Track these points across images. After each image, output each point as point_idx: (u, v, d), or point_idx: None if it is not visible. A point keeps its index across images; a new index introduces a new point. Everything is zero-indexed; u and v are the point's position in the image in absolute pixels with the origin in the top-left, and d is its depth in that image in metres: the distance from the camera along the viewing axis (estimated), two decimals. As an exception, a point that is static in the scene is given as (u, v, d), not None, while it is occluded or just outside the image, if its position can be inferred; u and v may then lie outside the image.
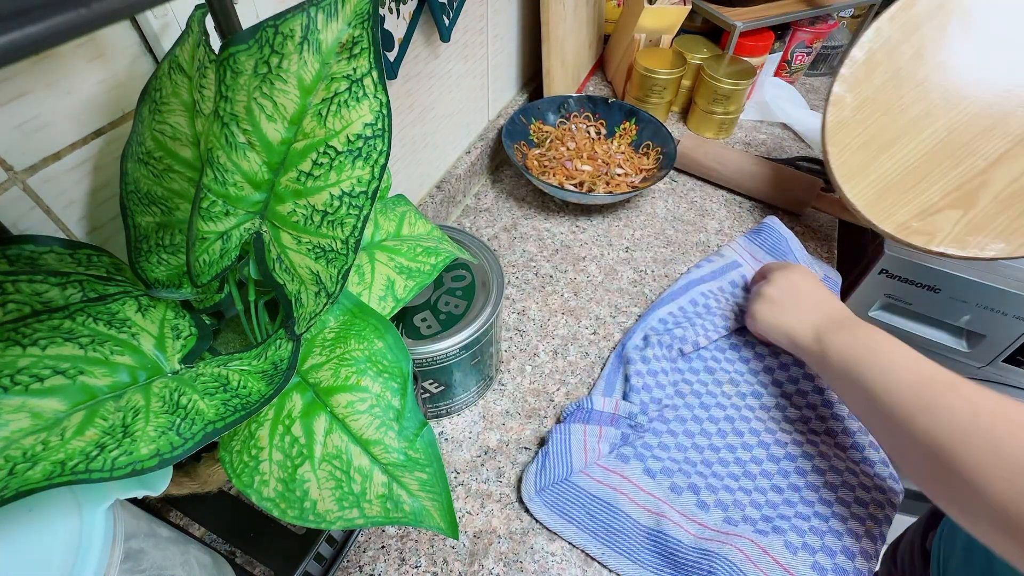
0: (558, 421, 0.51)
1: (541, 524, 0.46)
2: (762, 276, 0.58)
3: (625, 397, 0.53)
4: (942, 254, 0.50)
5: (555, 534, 0.45)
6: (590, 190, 0.72)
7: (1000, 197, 0.49)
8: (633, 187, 0.72)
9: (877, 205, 0.50)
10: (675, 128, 0.90)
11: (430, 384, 0.47)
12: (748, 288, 0.62)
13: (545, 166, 0.74)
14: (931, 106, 0.52)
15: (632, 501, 0.46)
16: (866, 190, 0.50)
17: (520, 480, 0.48)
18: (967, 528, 0.34)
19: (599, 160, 0.75)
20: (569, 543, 0.45)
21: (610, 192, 0.71)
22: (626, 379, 0.54)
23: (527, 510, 0.46)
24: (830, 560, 0.42)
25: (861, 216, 0.51)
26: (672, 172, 0.81)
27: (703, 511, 0.46)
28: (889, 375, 0.40)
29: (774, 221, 0.68)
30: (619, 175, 0.74)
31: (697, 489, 0.47)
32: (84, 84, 0.30)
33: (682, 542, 0.43)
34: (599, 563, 0.44)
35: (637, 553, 0.43)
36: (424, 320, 0.46)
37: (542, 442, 0.51)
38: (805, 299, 0.51)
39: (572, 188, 0.71)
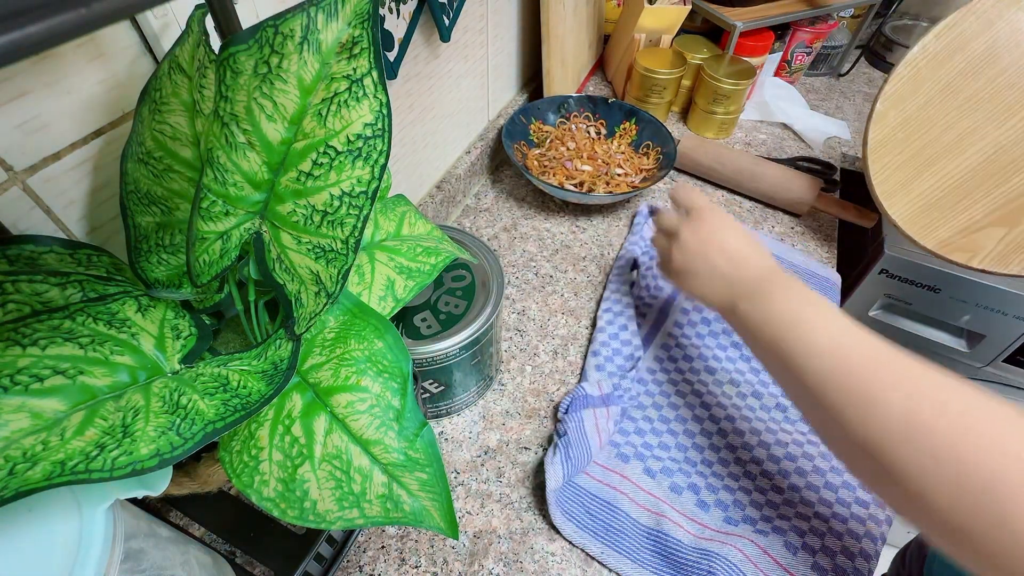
0: (564, 412, 0.51)
1: (545, 519, 0.46)
2: (668, 227, 0.51)
3: (600, 370, 0.54)
4: (983, 271, 0.49)
5: (556, 533, 0.45)
6: (590, 190, 0.72)
7: None
8: (633, 187, 0.72)
9: (918, 221, 0.49)
10: (675, 128, 0.90)
11: (430, 384, 0.47)
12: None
13: (545, 166, 0.74)
14: (977, 124, 0.51)
15: (632, 501, 0.46)
16: (908, 207, 0.49)
17: (529, 475, 0.48)
18: (907, 523, 0.32)
19: (599, 160, 0.75)
20: (569, 541, 0.45)
21: (610, 192, 0.71)
22: (594, 355, 0.55)
23: (532, 503, 0.46)
24: (830, 560, 0.42)
25: (902, 232, 0.50)
26: (672, 172, 0.81)
27: (703, 511, 0.46)
28: (814, 357, 0.36)
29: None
30: (619, 175, 0.74)
31: (697, 489, 0.47)
32: (84, 84, 0.29)
33: (682, 542, 0.43)
34: (599, 562, 0.44)
35: (637, 553, 0.44)
36: (424, 320, 0.46)
37: (550, 438, 0.51)
38: (715, 257, 0.45)
39: (572, 188, 0.71)
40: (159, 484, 0.25)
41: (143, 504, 0.40)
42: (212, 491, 0.33)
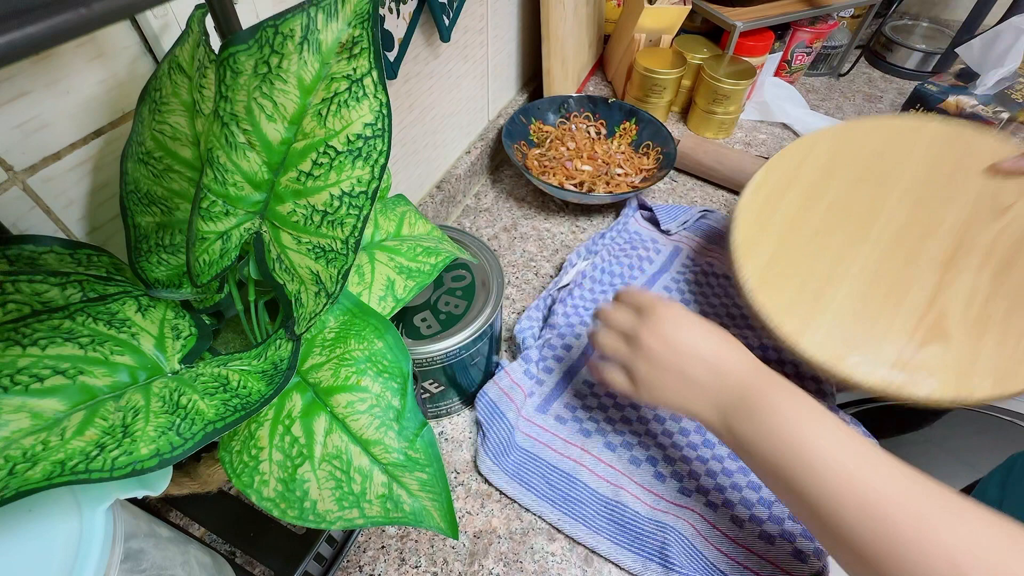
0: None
1: (500, 492, 0.47)
2: (620, 328, 0.43)
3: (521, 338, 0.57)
4: (966, 402, 0.40)
5: (557, 532, 0.45)
6: (590, 190, 0.72)
7: (968, 322, 0.43)
8: (633, 187, 0.72)
9: (848, 360, 0.41)
10: (675, 128, 0.90)
11: (430, 384, 0.47)
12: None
13: (545, 166, 0.74)
14: (841, 250, 0.46)
15: (592, 472, 0.48)
16: (828, 344, 0.42)
17: (475, 458, 0.50)
18: None
19: (599, 160, 0.75)
20: (527, 509, 0.46)
21: (610, 192, 0.71)
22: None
23: (487, 482, 0.48)
24: (778, 527, 0.44)
25: (832, 374, 0.42)
26: (672, 172, 0.81)
27: (660, 482, 0.48)
28: (829, 492, 0.30)
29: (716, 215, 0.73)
30: (619, 175, 0.74)
31: (655, 461, 0.49)
32: (84, 84, 0.29)
33: (638, 512, 0.45)
34: (588, 550, 0.44)
35: (593, 520, 0.45)
36: (424, 320, 0.46)
37: (478, 422, 0.52)
38: (689, 366, 0.39)
39: (572, 188, 0.71)
40: (159, 484, 0.25)
41: (143, 504, 0.40)
42: (212, 491, 0.33)
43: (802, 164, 0.52)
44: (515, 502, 0.47)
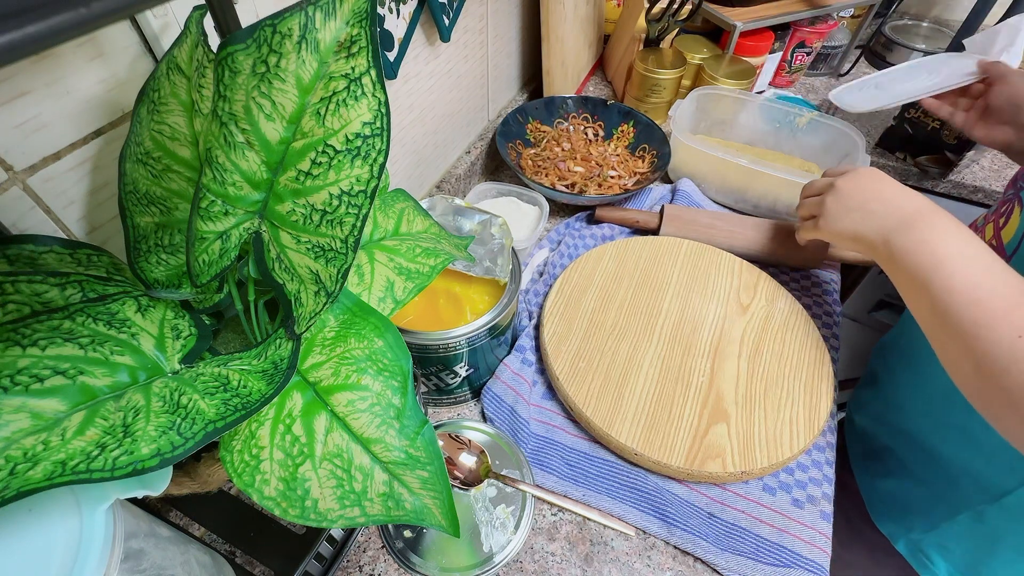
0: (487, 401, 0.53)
1: (545, 518, 0.47)
2: (818, 188, 0.54)
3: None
4: (743, 472, 0.46)
5: (556, 532, 0.45)
6: (581, 191, 0.72)
7: (739, 403, 0.50)
8: (625, 189, 0.72)
9: (653, 444, 0.47)
10: (675, 128, 0.90)
11: (460, 367, 0.49)
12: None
13: (539, 166, 0.74)
14: (633, 344, 0.55)
15: (607, 449, 0.50)
16: (632, 431, 0.48)
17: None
18: (1009, 438, 0.36)
19: (592, 162, 0.74)
20: (551, 491, 0.47)
21: (601, 194, 0.71)
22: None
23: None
24: (775, 479, 0.49)
25: (648, 460, 0.47)
26: (668, 171, 0.81)
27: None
28: (950, 293, 0.38)
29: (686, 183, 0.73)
30: (612, 177, 0.74)
31: None
32: (84, 84, 0.30)
33: (648, 472, 0.48)
34: (617, 518, 0.44)
35: (617, 491, 0.48)
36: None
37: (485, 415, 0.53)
38: (871, 202, 0.47)
39: (563, 189, 0.71)
40: (159, 484, 0.25)
41: (143, 504, 0.40)
42: (212, 491, 0.33)
43: (594, 272, 0.62)
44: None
